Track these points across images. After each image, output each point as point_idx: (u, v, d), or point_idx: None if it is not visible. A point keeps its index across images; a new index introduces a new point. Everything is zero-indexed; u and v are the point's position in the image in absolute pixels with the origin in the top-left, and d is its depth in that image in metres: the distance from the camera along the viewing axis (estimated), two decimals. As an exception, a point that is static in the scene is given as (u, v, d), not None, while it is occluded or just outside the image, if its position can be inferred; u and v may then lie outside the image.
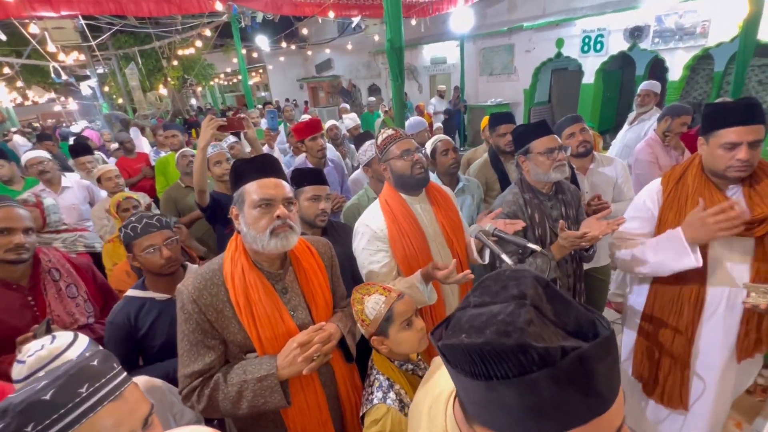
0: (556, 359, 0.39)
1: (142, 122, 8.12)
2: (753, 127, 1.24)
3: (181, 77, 12.02)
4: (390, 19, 2.13)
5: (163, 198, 2.78)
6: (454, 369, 0.47)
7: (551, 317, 0.44)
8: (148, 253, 1.40)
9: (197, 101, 18.67)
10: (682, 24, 6.17)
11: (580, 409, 0.41)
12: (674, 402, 1.57)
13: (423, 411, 0.68)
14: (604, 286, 2.38)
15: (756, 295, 1.26)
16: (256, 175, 1.08)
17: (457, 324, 0.48)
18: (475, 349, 0.43)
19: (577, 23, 7.44)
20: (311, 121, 2.56)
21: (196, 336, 1.04)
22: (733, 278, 1.38)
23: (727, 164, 1.29)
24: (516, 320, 0.42)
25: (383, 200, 1.53)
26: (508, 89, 9.27)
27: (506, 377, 0.41)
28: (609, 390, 0.42)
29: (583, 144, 2.12)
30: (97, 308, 1.75)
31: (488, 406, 0.45)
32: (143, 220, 1.42)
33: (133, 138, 4.52)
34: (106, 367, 0.68)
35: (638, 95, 3.67)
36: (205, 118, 1.85)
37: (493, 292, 0.48)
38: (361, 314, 1.16)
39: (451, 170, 2.25)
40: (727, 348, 1.45)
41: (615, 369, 0.43)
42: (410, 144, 1.48)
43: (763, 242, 1.32)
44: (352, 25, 9.56)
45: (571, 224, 1.64)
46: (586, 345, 0.40)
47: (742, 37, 3.41)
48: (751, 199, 1.33)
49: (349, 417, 1.25)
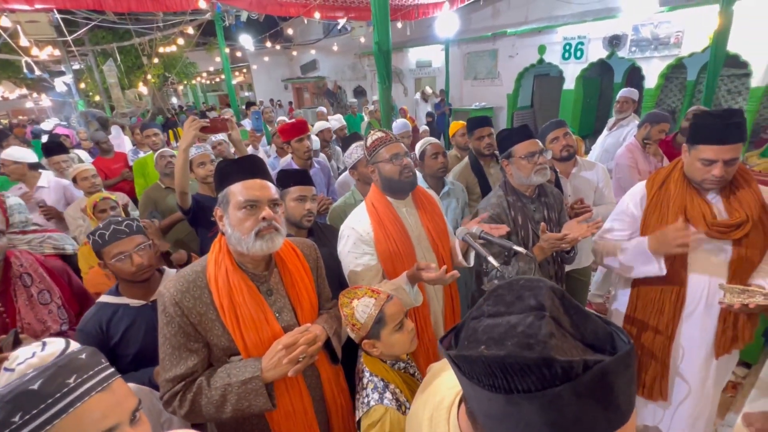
0: (578, 373, 0.39)
1: (120, 120, 7.88)
2: (731, 147, 1.30)
3: (161, 75, 11.71)
4: (377, 22, 2.14)
5: (142, 199, 2.70)
6: (470, 381, 0.45)
7: (570, 329, 0.44)
8: (119, 260, 1.35)
9: (179, 100, 18.26)
10: (657, 34, 6.41)
11: (599, 423, 0.41)
12: (654, 395, 1.63)
13: (423, 420, 0.67)
14: (584, 287, 2.44)
15: (730, 296, 1.31)
16: (241, 176, 1.07)
17: (473, 334, 0.47)
18: (496, 361, 0.42)
19: (559, 31, 7.63)
20: (298, 122, 2.53)
21: (179, 339, 1.02)
22: (712, 279, 1.43)
23: (703, 177, 1.37)
24: (537, 333, 0.41)
25: (369, 203, 1.53)
26: (492, 94, 9.42)
27: (528, 391, 0.40)
28: (627, 404, 0.42)
29: (567, 148, 2.17)
30: (72, 314, 1.69)
31: (505, 419, 0.44)
32: (111, 226, 1.37)
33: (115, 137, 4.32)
34: (94, 361, 0.69)
35: (617, 102, 3.79)
36: (187, 119, 1.81)
37: (508, 302, 0.47)
38: (351, 318, 1.15)
39: (438, 174, 2.26)
40: (705, 345, 1.51)
41: (633, 382, 0.43)
42: (400, 148, 1.49)
43: (740, 245, 1.38)
44: (338, 27, 9.54)
45: (553, 227, 1.68)
46: (608, 359, 0.39)
47: (713, 48, 3.58)
48: (730, 204, 1.40)
49: (335, 419, 1.24)
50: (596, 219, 1.53)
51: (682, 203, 1.44)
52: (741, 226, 1.35)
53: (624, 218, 1.60)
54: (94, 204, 2.17)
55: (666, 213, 1.47)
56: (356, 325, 1.14)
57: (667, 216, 1.46)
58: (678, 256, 1.45)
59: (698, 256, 1.44)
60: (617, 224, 1.63)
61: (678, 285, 1.46)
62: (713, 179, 1.34)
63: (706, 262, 1.43)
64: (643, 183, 1.59)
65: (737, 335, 1.46)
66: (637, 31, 6.61)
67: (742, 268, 1.39)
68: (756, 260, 1.41)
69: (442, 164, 2.25)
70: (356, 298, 1.16)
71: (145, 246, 1.41)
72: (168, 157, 2.70)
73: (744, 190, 1.39)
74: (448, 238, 1.61)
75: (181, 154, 1.82)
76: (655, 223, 1.49)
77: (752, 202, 1.37)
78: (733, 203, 1.39)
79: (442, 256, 1.58)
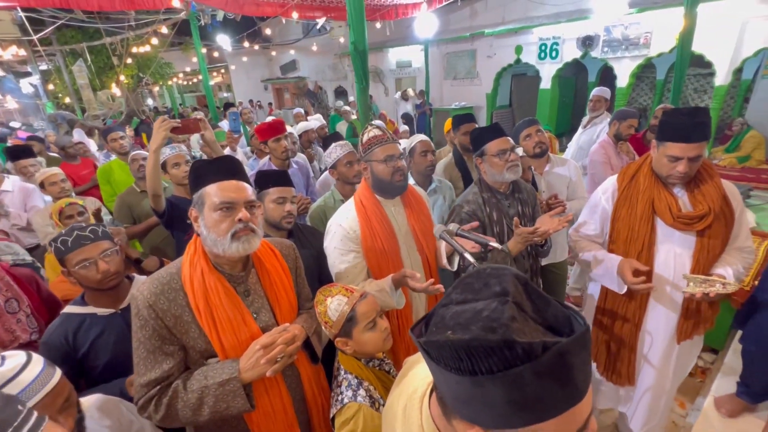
0: (538, 354, 0.41)
1: (92, 123, 7.60)
2: (696, 145, 1.36)
3: (135, 76, 11.37)
4: (353, 22, 2.15)
5: (117, 204, 2.61)
6: (438, 365, 0.47)
7: (531, 313, 0.46)
8: (83, 267, 1.30)
9: (154, 101, 17.76)
10: (628, 35, 6.62)
11: (558, 401, 0.43)
12: (622, 380, 1.70)
13: (398, 410, 0.68)
14: (561, 281, 2.50)
15: (693, 285, 1.38)
16: (217, 177, 1.05)
17: (440, 321, 0.49)
18: (461, 345, 0.44)
19: (534, 31, 7.79)
20: (274, 122, 2.51)
21: (153, 343, 1.00)
22: (677, 269, 1.50)
23: (669, 172, 1.43)
24: (500, 317, 0.44)
25: (358, 200, 1.54)
26: (472, 93, 9.54)
27: (491, 372, 0.42)
28: (584, 382, 0.45)
29: (539, 145, 2.23)
30: (42, 323, 1.63)
31: (472, 401, 0.46)
32: (74, 232, 1.32)
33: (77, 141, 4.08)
34: (10, 413, 0.60)
35: (590, 100, 3.91)
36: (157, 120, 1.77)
37: (476, 290, 0.49)
38: (324, 316, 1.16)
39: (426, 172, 2.30)
40: (668, 331, 1.58)
41: (589, 362, 0.46)
42: (395, 150, 1.49)
43: (703, 236, 1.45)
44: (317, 27, 9.48)
45: (527, 221, 1.72)
46: (566, 340, 0.42)
47: (679, 48, 3.72)
48: (694, 197, 1.46)
49: (316, 419, 1.24)
50: (567, 214, 1.58)
51: (650, 196, 1.50)
52: (704, 218, 1.41)
53: (596, 210, 1.66)
54: (59, 210, 2.09)
55: (635, 205, 1.53)
56: (328, 323, 1.15)
57: (636, 207, 1.52)
58: (645, 248, 1.51)
59: (664, 247, 1.51)
60: (589, 217, 1.69)
61: (645, 275, 1.53)
62: (678, 175, 1.41)
63: (672, 252, 1.50)
64: (614, 177, 1.65)
65: (699, 322, 1.53)
66: (608, 31, 6.82)
67: (705, 258, 1.46)
68: (718, 250, 1.48)
69: (431, 162, 2.29)
70: (330, 296, 1.17)
71: (111, 252, 1.36)
72: (140, 160, 2.63)
73: (707, 184, 1.46)
74: (434, 239, 1.63)
75: (151, 155, 1.77)
76: (624, 216, 1.56)
77: (714, 195, 1.44)
78: (697, 196, 1.46)
79: (427, 256, 1.60)
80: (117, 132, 3.31)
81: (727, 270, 1.43)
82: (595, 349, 1.77)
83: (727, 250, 1.51)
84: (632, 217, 1.53)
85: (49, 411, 0.83)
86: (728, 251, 1.51)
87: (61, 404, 0.87)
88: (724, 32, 5.60)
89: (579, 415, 0.45)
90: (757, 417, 1.89)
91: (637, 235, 1.52)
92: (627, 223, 1.55)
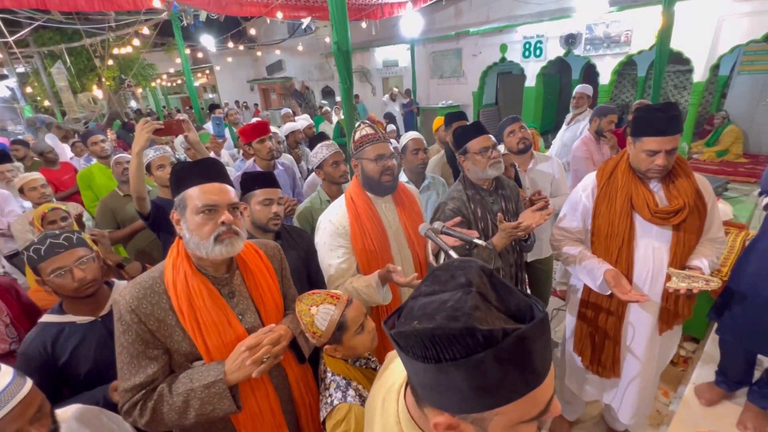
0: (498, 340, 0.43)
1: (72, 126, 7.43)
2: (671, 138, 1.40)
3: (117, 78, 11.15)
4: (336, 22, 2.14)
5: (99, 209, 2.56)
6: (407, 355, 0.49)
7: (495, 303, 0.48)
8: (58, 276, 1.26)
9: (138, 104, 17.44)
10: (609, 33, 6.75)
11: (519, 384, 0.46)
12: (608, 372, 1.74)
13: (377, 404, 0.70)
14: (547, 276, 2.55)
15: (677, 280, 1.41)
16: (198, 179, 1.05)
17: (409, 312, 0.51)
18: (426, 333, 0.45)
19: (519, 30, 7.88)
20: (258, 123, 2.50)
21: (137, 347, 0.99)
22: (655, 262, 1.54)
23: (648, 167, 1.47)
24: (463, 306, 0.45)
25: (348, 196, 1.54)
26: (458, 92, 9.61)
27: (455, 359, 0.44)
28: (543, 366, 0.47)
29: (523, 141, 2.28)
30: (22, 332, 1.60)
31: (438, 387, 0.48)
32: (47, 240, 1.28)
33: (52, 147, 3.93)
34: None
35: (573, 97, 3.98)
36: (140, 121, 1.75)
37: (443, 281, 0.51)
38: (311, 327, 1.12)
39: (418, 169, 2.33)
40: (650, 323, 1.62)
41: (548, 347, 0.48)
42: (386, 149, 1.50)
43: (679, 230, 1.49)
44: (302, 27, 9.43)
45: (510, 217, 1.75)
46: (525, 326, 0.44)
47: (658, 45, 3.81)
48: (669, 191, 1.51)
49: (304, 419, 1.25)
50: (549, 209, 1.61)
51: (629, 192, 1.53)
52: (679, 212, 1.46)
53: (577, 208, 1.69)
54: (42, 215, 2.05)
55: (614, 202, 1.56)
56: (317, 333, 1.11)
57: (615, 203, 1.56)
58: (625, 243, 1.55)
59: (643, 242, 1.55)
60: (571, 214, 1.72)
61: (626, 269, 1.57)
62: (657, 168, 1.44)
63: (650, 246, 1.54)
64: (593, 174, 1.68)
65: (678, 312, 1.58)
66: (590, 30, 6.94)
67: (682, 251, 1.50)
68: (693, 243, 1.53)
69: (422, 161, 2.31)
70: (314, 304, 1.13)
71: (88, 259, 1.32)
72: (124, 163, 2.58)
73: (681, 179, 1.50)
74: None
75: (134, 158, 1.75)
76: (604, 212, 1.59)
77: (689, 189, 1.48)
78: (672, 191, 1.50)
79: (418, 253, 1.61)
80: (97, 135, 3.24)
81: (703, 261, 1.47)
82: (581, 342, 1.80)
83: (701, 241, 1.55)
84: (612, 213, 1.56)
85: (20, 422, 0.83)
86: (702, 243, 1.55)
87: (33, 414, 0.86)
88: (701, 29, 5.75)
89: (540, 397, 0.47)
90: (734, 403, 1.95)
91: (617, 231, 1.56)
92: (607, 219, 1.58)
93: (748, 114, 6.92)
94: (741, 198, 3.96)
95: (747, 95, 6.90)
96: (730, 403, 1.97)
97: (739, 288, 1.70)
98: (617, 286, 1.49)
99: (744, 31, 5.46)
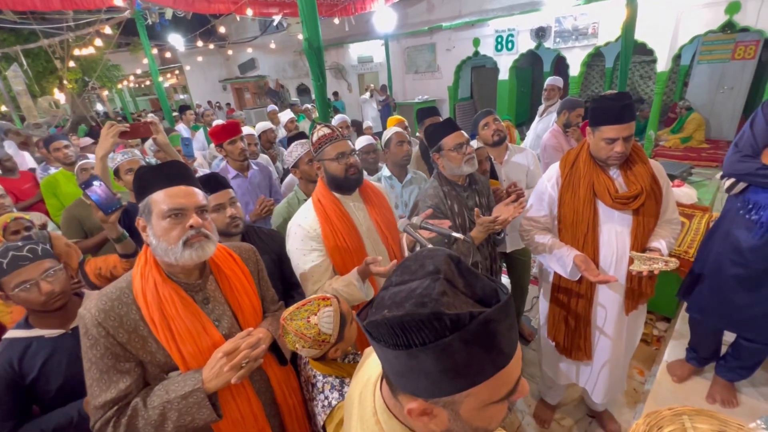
0: (465, 323, 0.44)
1: (32, 132, 7.05)
2: (627, 125, 1.46)
3: (80, 80, 10.64)
4: (306, 18, 2.11)
5: (65, 218, 2.43)
6: (378, 344, 0.50)
7: (462, 288, 0.50)
8: (23, 290, 1.19)
9: (104, 106, 16.73)
10: (577, 25, 6.92)
11: (486, 365, 0.47)
12: (581, 354, 1.80)
13: (354, 398, 0.70)
14: (526, 266, 2.60)
15: (639, 263, 1.48)
16: (163, 183, 1.01)
17: (380, 302, 0.52)
18: (396, 321, 0.46)
19: (490, 24, 7.97)
20: (228, 124, 2.43)
21: (106, 362, 0.95)
22: (618, 246, 1.60)
23: (608, 155, 1.53)
24: (431, 292, 0.47)
25: (316, 199, 1.52)
26: (433, 86, 9.66)
27: (424, 344, 0.45)
28: (509, 347, 0.49)
29: (497, 133, 2.31)
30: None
31: (410, 374, 0.49)
32: (9, 253, 1.21)
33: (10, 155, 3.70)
34: None
35: (545, 90, 4.07)
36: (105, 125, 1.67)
37: (412, 271, 0.52)
38: (319, 336, 1.09)
39: (403, 161, 2.34)
40: (618, 303, 1.69)
41: (514, 328, 0.50)
42: (346, 146, 1.48)
43: (638, 214, 1.57)
44: (274, 24, 9.25)
45: (484, 211, 1.78)
46: (490, 309, 0.46)
47: (623, 37, 3.93)
48: (628, 178, 1.57)
49: (289, 420, 1.23)
50: (521, 200, 1.65)
51: (590, 180, 1.59)
52: (638, 197, 1.53)
53: (543, 198, 1.73)
54: (4, 225, 1.93)
55: (578, 189, 1.62)
56: (327, 339, 1.10)
57: (579, 191, 1.61)
58: (590, 229, 1.61)
59: (606, 228, 1.62)
60: (537, 203, 1.77)
61: (592, 254, 1.63)
62: (616, 155, 1.50)
63: (613, 231, 1.61)
64: (557, 164, 1.73)
65: (642, 291, 1.65)
66: (559, 22, 7.09)
67: (642, 234, 1.58)
68: (651, 226, 1.60)
69: (407, 152, 2.34)
70: (312, 314, 1.11)
71: (55, 271, 1.25)
72: (90, 169, 2.48)
73: (638, 165, 1.58)
74: (397, 231, 1.64)
75: (98, 162, 1.68)
76: (569, 200, 1.65)
77: (645, 175, 1.55)
78: (630, 177, 1.57)
79: (393, 249, 1.61)
80: (60, 141, 3.07)
81: (661, 243, 1.55)
82: (554, 327, 1.86)
83: (658, 223, 1.63)
84: (576, 201, 1.62)
85: None
86: (660, 224, 1.63)
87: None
88: (663, 21, 5.96)
89: (508, 377, 0.49)
90: (704, 378, 2.05)
91: (582, 218, 1.61)
92: (571, 207, 1.63)
93: (708, 101, 7.25)
94: (704, 182, 4.14)
95: (706, 84, 7.22)
96: (700, 378, 2.07)
97: (705, 268, 1.78)
98: (587, 270, 1.54)
99: (702, 22, 5.70)
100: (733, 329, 1.78)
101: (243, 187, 2.46)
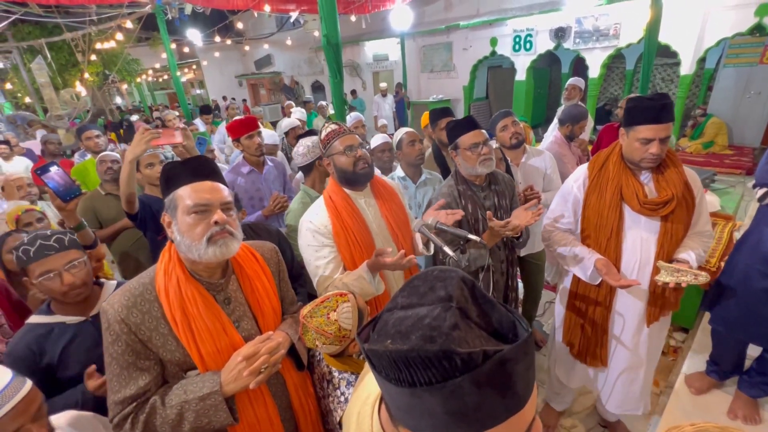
0: (478, 363, 0.39)
1: (54, 124, 7.23)
2: (664, 126, 1.40)
3: (101, 73, 10.87)
4: (325, 15, 2.10)
5: (80, 208, 2.49)
6: (379, 375, 0.46)
7: (476, 319, 0.45)
8: (47, 279, 1.21)
9: (123, 99, 17.06)
10: (598, 26, 6.77)
11: (498, 410, 0.42)
12: (595, 361, 1.76)
13: (353, 417, 0.67)
14: (540, 270, 2.56)
15: (666, 273, 1.41)
16: (189, 178, 1.00)
17: (383, 328, 0.47)
18: (400, 356, 0.42)
19: (509, 23, 7.86)
20: (246, 119, 2.44)
21: (126, 358, 0.95)
22: (643, 253, 1.55)
23: (642, 156, 1.46)
24: (441, 324, 0.42)
25: (327, 196, 1.51)
26: (449, 86, 9.58)
27: (430, 383, 0.40)
28: (525, 389, 0.44)
29: (516, 136, 2.26)
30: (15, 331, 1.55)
31: (412, 411, 0.44)
32: (37, 241, 1.23)
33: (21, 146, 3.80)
34: None
35: (566, 89, 4.00)
36: (139, 129, 1.68)
37: (421, 293, 0.48)
38: (339, 332, 1.09)
39: (416, 161, 2.30)
40: (637, 313, 1.63)
41: (531, 368, 0.44)
42: (354, 140, 1.47)
43: (667, 221, 1.50)
44: (290, 20, 9.28)
45: (503, 213, 1.74)
46: (507, 348, 0.40)
47: (646, 39, 3.83)
48: (659, 183, 1.51)
49: (304, 425, 1.22)
50: (547, 203, 1.60)
51: (619, 183, 1.54)
52: (668, 204, 1.46)
53: (568, 199, 1.69)
54: (16, 217, 1.97)
55: (604, 192, 1.57)
56: (347, 334, 1.10)
57: (605, 194, 1.56)
58: (614, 234, 1.56)
59: (631, 234, 1.56)
60: (563, 205, 1.72)
61: (614, 259, 1.58)
62: (651, 157, 1.44)
63: (638, 238, 1.55)
64: (585, 165, 1.68)
65: (665, 304, 1.60)
66: (580, 23, 6.95)
67: (669, 243, 1.51)
68: (680, 235, 1.53)
69: (420, 151, 2.29)
70: (331, 310, 1.11)
71: (79, 263, 1.27)
72: (108, 162, 2.52)
73: (670, 170, 1.51)
74: (408, 228, 1.62)
75: (126, 166, 1.69)
76: (594, 203, 1.59)
77: (677, 181, 1.49)
78: (661, 183, 1.50)
79: (403, 246, 1.59)
80: (92, 130, 3.15)
81: (691, 255, 1.48)
82: (570, 332, 1.82)
83: (688, 234, 1.57)
84: (601, 204, 1.57)
85: (23, 419, 0.82)
86: (690, 236, 1.56)
87: (35, 413, 0.85)
88: (688, 22, 5.79)
89: (521, 422, 0.44)
90: (724, 392, 1.99)
91: (606, 222, 1.56)
92: (596, 210, 1.58)
93: (732, 107, 7.03)
94: (728, 189, 4.02)
95: (732, 88, 7.00)
96: (719, 392, 2.00)
97: (732, 280, 1.71)
98: (608, 273, 1.50)
99: (730, 24, 5.52)
100: (759, 343, 1.71)
101: (257, 182, 2.47)
